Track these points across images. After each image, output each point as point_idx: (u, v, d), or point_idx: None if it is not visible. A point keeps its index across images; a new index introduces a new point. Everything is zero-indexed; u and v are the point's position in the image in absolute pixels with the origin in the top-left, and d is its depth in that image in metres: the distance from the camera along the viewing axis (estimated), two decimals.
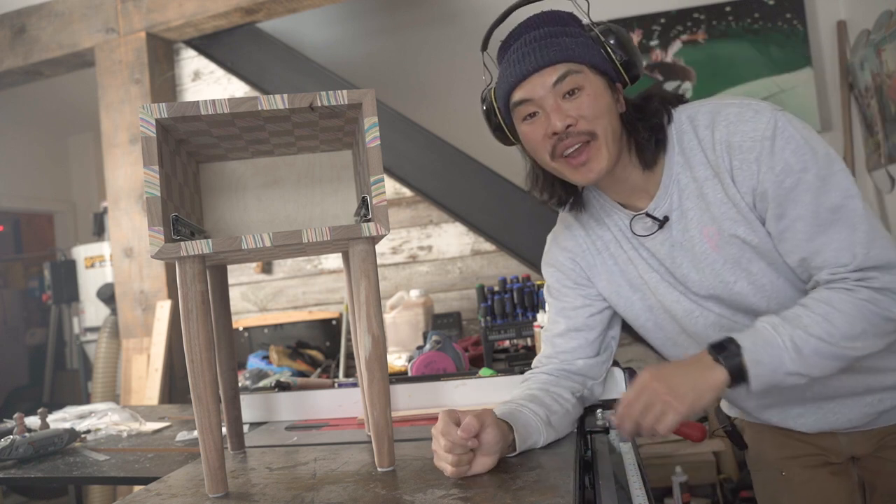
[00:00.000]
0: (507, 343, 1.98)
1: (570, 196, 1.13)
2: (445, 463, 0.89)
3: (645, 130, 1.02)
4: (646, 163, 1.04)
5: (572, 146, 0.99)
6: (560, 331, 1.19)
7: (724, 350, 0.93)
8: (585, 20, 1.04)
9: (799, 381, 0.94)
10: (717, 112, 1.01)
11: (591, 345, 1.18)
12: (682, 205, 1.04)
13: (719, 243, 1.02)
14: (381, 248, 2.90)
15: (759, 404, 1.18)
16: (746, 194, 0.98)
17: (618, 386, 1.29)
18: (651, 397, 0.92)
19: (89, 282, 3.70)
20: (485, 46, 1.11)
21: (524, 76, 0.99)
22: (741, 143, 0.97)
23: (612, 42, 1.01)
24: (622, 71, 1.02)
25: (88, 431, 1.59)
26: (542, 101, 0.99)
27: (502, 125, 1.10)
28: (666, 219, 1.05)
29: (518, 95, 1.01)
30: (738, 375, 0.92)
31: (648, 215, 1.07)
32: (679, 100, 1.06)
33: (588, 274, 1.17)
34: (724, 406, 1.36)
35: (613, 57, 1.01)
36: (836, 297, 0.92)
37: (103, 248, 3.67)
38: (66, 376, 4.56)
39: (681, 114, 1.05)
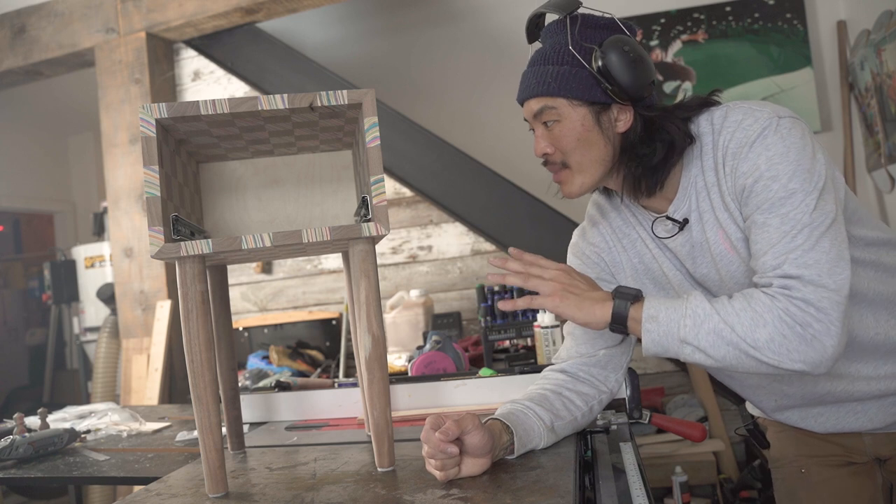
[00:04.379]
0: (507, 343, 1.98)
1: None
2: (432, 468, 0.91)
3: (636, 167, 1.04)
4: (633, 191, 1.06)
5: (553, 170, 1.08)
6: None
7: (624, 297, 0.95)
8: (571, 45, 1.02)
9: (696, 357, 0.91)
10: (726, 116, 1.01)
11: (612, 334, 1.17)
12: (700, 206, 1.04)
13: (733, 244, 1.02)
14: (381, 248, 2.90)
15: (778, 405, 1.17)
16: (735, 199, 0.99)
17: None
18: (552, 277, 0.98)
19: (89, 282, 3.69)
20: (531, 40, 1.13)
21: (520, 101, 1.08)
22: (734, 148, 0.98)
23: (598, 68, 0.99)
24: (613, 96, 1.00)
25: (88, 431, 1.59)
26: (533, 123, 1.08)
27: None
28: (686, 221, 1.06)
29: (523, 112, 1.09)
30: (620, 322, 0.94)
31: (669, 218, 1.07)
32: (709, 103, 1.05)
33: (612, 270, 1.19)
34: (748, 405, 1.35)
35: (604, 82, 0.99)
36: (757, 296, 0.91)
37: (103, 248, 3.67)
38: (66, 376, 4.56)
39: (700, 116, 1.04)
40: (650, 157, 1.02)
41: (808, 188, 0.91)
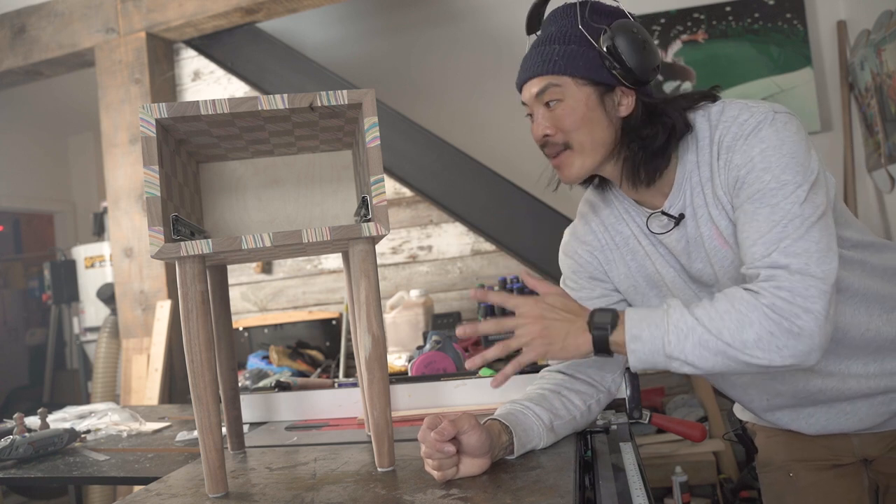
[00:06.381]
0: None
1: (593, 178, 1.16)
2: (430, 468, 0.91)
3: (637, 149, 1.03)
4: (633, 178, 1.05)
5: (552, 154, 1.07)
6: None
7: (600, 327, 0.93)
8: (580, 24, 1.02)
9: (684, 369, 0.91)
10: (722, 111, 1.01)
11: None
12: (694, 201, 1.04)
13: (726, 239, 1.02)
14: (381, 248, 2.90)
15: (769, 405, 1.17)
16: (728, 192, 0.99)
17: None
18: (528, 331, 0.95)
19: (89, 282, 3.70)
20: (530, 30, 1.12)
21: (521, 83, 1.08)
22: (729, 142, 0.98)
23: (607, 47, 0.99)
24: (619, 78, 1.00)
25: (88, 431, 1.59)
26: (532, 106, 1.07)
27: None
28: (682, 216, 1.06)
29: (521, 96, 1.09)
30: (603, 350, 0.94)
31: (664, 213, 1.07)
32: (709, 97, 1.05)
33: (605, 269, 1.18)
34: (737, 410, 1.35)
35: (612, 62, 0.99)
36: (740, 295, 0.90)
37: (103, 248, 3.67)
38: (66, 376, 4.56)
39: (697, 111, 1.04)
40: (652, 141, 1.01)
41: (800, 180, 0.91)
